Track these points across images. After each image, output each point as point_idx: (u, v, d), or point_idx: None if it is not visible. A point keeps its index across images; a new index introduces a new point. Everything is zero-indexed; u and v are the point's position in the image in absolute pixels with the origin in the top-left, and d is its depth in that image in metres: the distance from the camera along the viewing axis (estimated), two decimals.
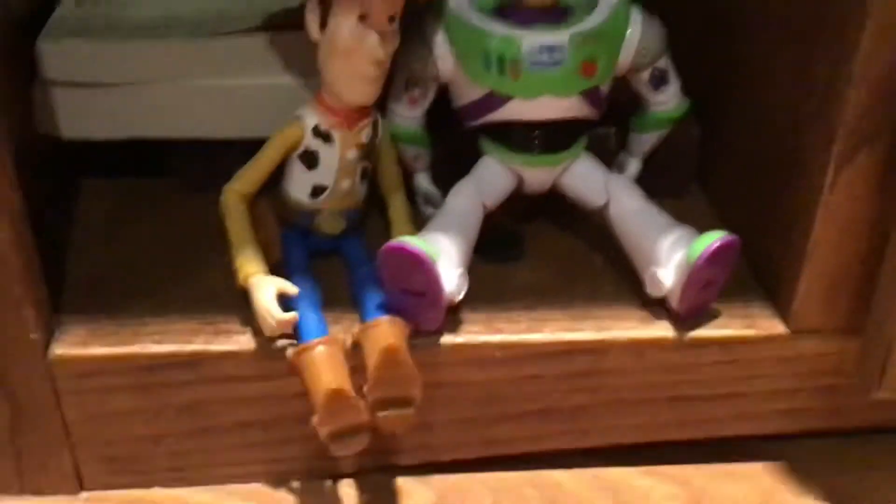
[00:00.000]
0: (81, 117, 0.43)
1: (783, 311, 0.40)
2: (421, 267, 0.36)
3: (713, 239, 0.37)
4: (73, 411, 0.39)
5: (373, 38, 0.37)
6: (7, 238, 0.35)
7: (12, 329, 0.37)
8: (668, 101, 0.43)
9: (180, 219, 0.46)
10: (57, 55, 0.42)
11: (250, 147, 0.40)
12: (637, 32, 0.41)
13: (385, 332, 0.37)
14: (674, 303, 0.39)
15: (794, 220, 0.39)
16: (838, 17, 0.35)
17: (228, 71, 0.43)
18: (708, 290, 0.39)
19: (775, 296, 0.41)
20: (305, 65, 0.42)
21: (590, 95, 0.40)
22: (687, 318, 0.40)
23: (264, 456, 0.41)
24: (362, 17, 0.37)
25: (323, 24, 0.38)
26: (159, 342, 0.38)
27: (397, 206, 0.43)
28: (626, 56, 0.41)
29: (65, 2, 0.45)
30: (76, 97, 0.43)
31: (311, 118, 0.39)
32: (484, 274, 0.42)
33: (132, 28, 0.43)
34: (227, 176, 0.40)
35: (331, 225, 0.41)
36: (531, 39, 0.39)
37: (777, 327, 0.40)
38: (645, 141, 0.45)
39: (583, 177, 0.42)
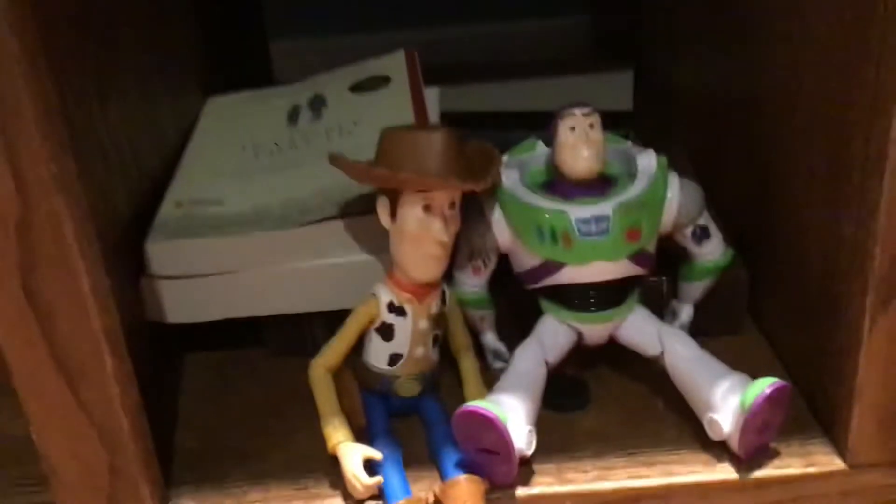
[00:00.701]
0: (185, 304, 0.49)
1: (840, 447, 0.42)
2: (493, 428, 0.39)
3: (765, 386, 0.40)
4: None
5: (437, 225, 0.41)
6: (127, 429, 0.39)
7: None
8: (712, 252, 0.47)
9: (273, 385, 0.50)
10: (162, 254, 0.47)
11: (333, 316, 0.45)
12: (676, 196, 0.44)
13: (463, 490, 0.40)
14: (733, 446, 0.42)
15: (841, 360, 0.41)
16: (858, 175, 0.38)
17: (311, 254, 0.48)
18: (765, 432, 0.42)
19: (832, 432, 0.43)
20: (376, 243, 0.47)
21: (637, 257, 0.44)
22: (747, 458, 0.42)
23: None
24: (426, 208, 0.41)
25: (392, 214, 0.42)
26: None
27: (468, 366, 0.46)
28: (667, 218, 0.45)
29: (165, 204, 0.51)
30: (180, 287, 0.48)
31: (386, 295, 0.44)
32: (552, 422, 0.45)
33: (226, 223, 0.48)
34: (314, 343, 0.44)
35: (408, 388, 0.45)
36: (579, 212, 0.43)
37: (836, 463, 0.42)
38: (695, 289, 0.48)
39: (638, 329, 0.45)
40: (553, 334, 0.45)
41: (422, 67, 0.59)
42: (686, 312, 0.49)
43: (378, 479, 0.41)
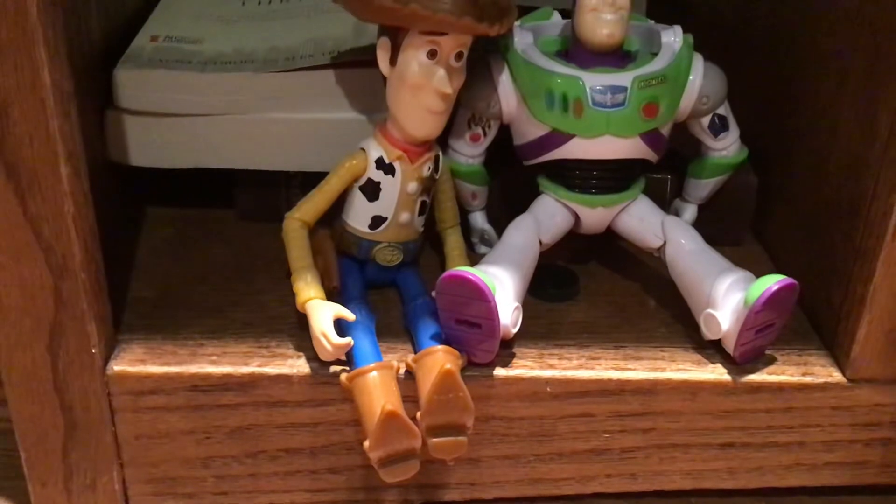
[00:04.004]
0: (151, 146, 0.45)
1: (840, 359, 0.40)
2: (480, 297, 0.36)
3: (772, 282, 0.37)
4: (125, 429, 0.39)
5: (441, 74, 0.38)
6: (79, 256, 0.36)
7: (75, 342, 0.37)
8: (726, 147, 0.44)
9: (239, 247, 0.47)
10: (131, 84, 0.43)
11: (311, 182, 0.41)
12: (698, 78, 0.41)
13: (441, 358, 0.37)
14: (729, 346, 0.39)
15: (855, 266, 0.39)
16: None
17: (295, 105, 0.44)
18: (764, 335, 0.39)
19: (832, 343, 0.41)
20: (369, 101, 0.44)
21: (650, 137, 0.41)
22: (742, 362, 0.40)
23: (310, 485, 0.41)
24: (431, 54, 0.38)
25: (393, 60, 0.39)
26: (215, 363, 0.39)
27: (453, 242, 0.43)
28: (687, 101, 0.42)
29: (140, 36, 0.46)
30: (147, 126, 0.44)
31: (376, 150, 0.40)
32: (538, 311, 0.42)
33: (204, 62, 0.44)
34: (288, 208, 0.41)
35: (388, 256, 0.42)
36: (595, 80, 0.40)
37: (833, 375, 0.40)
38: (703, 187, 0.45)
39: (640, 218, 0.42)
40: (550, 214, 0.42)
41: None
42: (690, 213, 0.46)
43: (348, 340, 0.37)
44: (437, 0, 0.37)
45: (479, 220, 0.46)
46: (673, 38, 0.41)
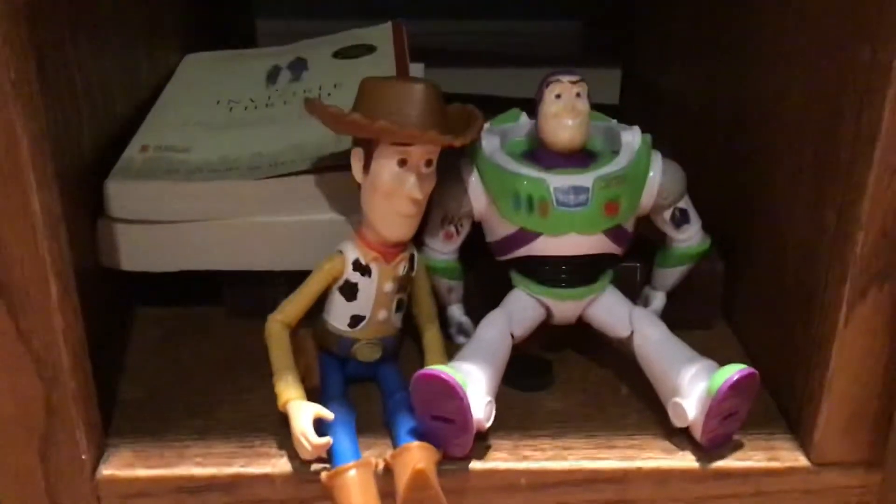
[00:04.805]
0: (141, 251, 0.47)
1: (805, 444, 0.41)
2: (452, 394, 0.38)
3: (733, 371, 0.39)
4: None
5: (412, 181, 0.40)
6: (68, 365, 0.37)
7: (65, 449, 0.39)
8: (690, 238, 0.46)
9: (226, 344, 0.48)
10: (122, 195, 0.45)
11: (298, 279, 0.43)
12: (658, 175, 0.43)
13: (415, 456, 0.38)
14: (697, 433, 0.40)
15: (813, 354, 0.40)
16: (846, 160, 0.37)
17: (279, 208, 0.46)
18: (730, 422, 0.40)
19: (797, 428, 0.42)
20: (349, 202, 0.46)
21: (614, 233, 0.43)
22: (710, 448, 0.41)
23: None
24: (402, 162, 0.40)
25: (366, 168, 0.41)
26: (201, 465, 0.40)
27: (431, 337, 0.45)
28: (648, 197, 0.44)
29: (131, 146, 0.49)
30: (137, 233, 0.46)
31: (352, 252, 0.42)
32: (512, 401, 0.44)
33: (192, 170, 0.47)
34: (274, 305, 0.42)
35: (367, 353, 0.44)
36: (558, 181, 0.42)
37: (799, 459, 0.41)
38: (669, 275, 0.47)
39: (608, 309, 0.44)
40: (521, 308, 0.44)
41: (410, 51, 0.57)
42: (659, 300, 0.47)
43: (327, 439, 0.39)
44: (404, 115, 0.39)
45: (456, 312, 0.47)
46: (632, 137, 0.43)
